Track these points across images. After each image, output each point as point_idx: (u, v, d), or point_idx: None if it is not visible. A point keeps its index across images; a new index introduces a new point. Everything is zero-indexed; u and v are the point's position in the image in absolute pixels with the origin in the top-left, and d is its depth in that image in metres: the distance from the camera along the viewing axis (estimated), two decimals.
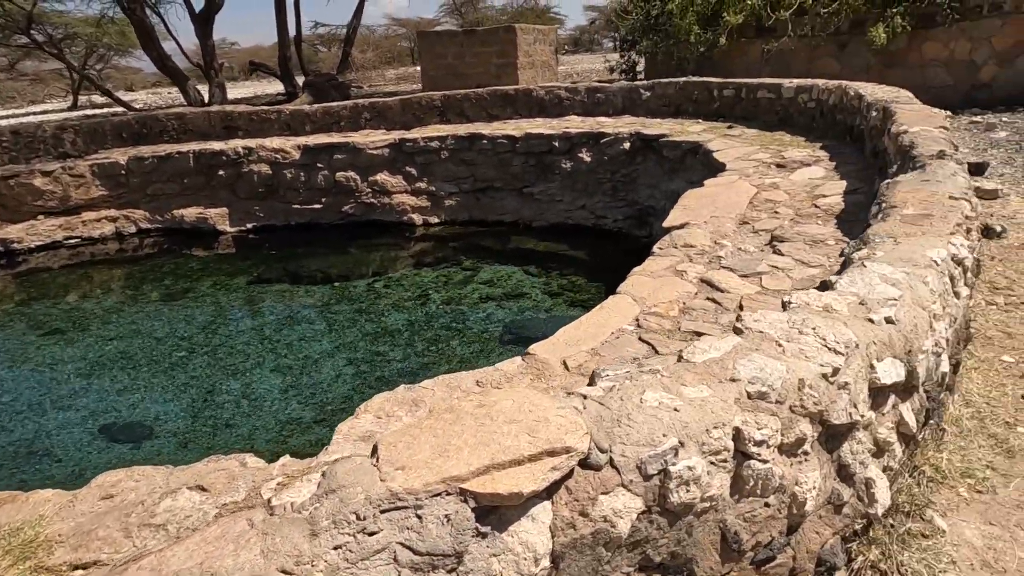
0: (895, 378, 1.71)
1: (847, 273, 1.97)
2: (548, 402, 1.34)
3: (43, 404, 5.74)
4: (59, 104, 27.48)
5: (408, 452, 1.30)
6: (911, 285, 1.89)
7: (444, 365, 5.99)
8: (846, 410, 1.55)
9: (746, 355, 1.55)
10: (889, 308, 1.76)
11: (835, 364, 1.56)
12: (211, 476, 2.17)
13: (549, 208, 9.10)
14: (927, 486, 1.92)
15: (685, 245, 3.99)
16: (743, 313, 1.76)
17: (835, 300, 1.80)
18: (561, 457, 1.25)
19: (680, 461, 1.31)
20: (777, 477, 1.42)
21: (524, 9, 29.58)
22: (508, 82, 13.25)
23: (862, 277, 1.91)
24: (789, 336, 1.63)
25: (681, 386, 1.42)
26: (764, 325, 1.69)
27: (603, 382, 1.55)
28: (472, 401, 1.37)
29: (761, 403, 1.44)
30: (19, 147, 10.27)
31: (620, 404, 1.35)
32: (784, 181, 5.44)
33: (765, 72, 10.53)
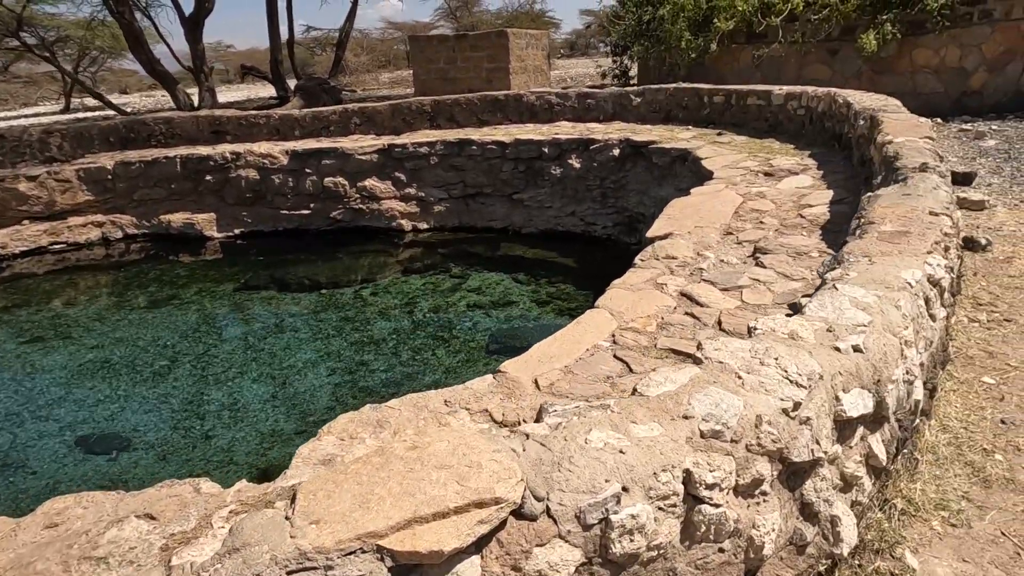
0: (863, 410, 1.64)
1: (817, 296, 1.90)
2: (484, 444, 1.26)
3: (20, 414, 5.65)
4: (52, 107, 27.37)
5: (327, 502, 1.22)
6: (882, 310, 1.82)
7: (428, 375, 5.93)
8: (808, 447, 1.48)
9: (703, 389, 1.48)
10: (858, 335, 1.70)
11: (796, 398, 1.49)
12: (162, 503, 2.10)
13: (539, 214, 9.04)
14: (898, 520, 1.85)
15: (667, 256, 3.93)
16: (704, 342, 1.70)
17: (802, 327, 1.74)
18: (490, 509, 1.17)
19: (623, 509, 1.24)
20: (731, 521, 1.35)
21: (519, 13, 29.56)
22: (500, 87, 13.20)
23: (832, 301, 1.85)
24: (750, 367, 1.57)
25: (631, 424, 1.35)
26: (725, 355, 1.62)
27: (550, 418, 1.48)
28: (405, 442, 1.30)
29: (715, 442, 1.37)
30: (4, 151, 10.17)
31: (563, 445, 1.28)
32: (771, 190, 5.39)
33: (756, 78, 10.51)
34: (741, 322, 2.99)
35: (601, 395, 2.49)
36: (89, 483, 4.71)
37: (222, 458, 4.95)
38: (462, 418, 2.45)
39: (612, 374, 2.65)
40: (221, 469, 4.80)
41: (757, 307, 3.16)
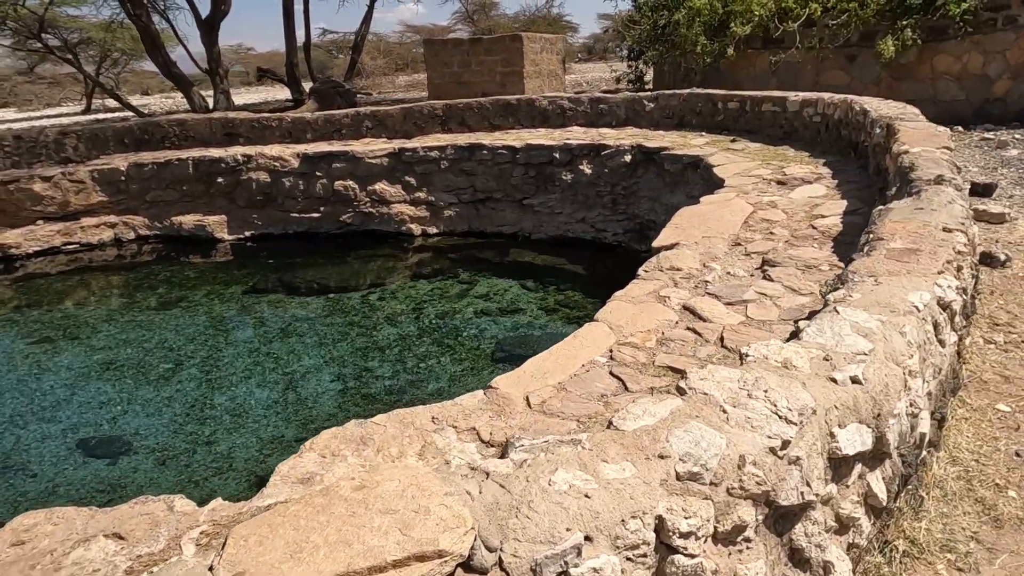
0: (860, 447, 1.53)
1: (816, 320, 1.79)
2: (437, 486, 1.17)
3: (24, 415, 5.66)
4: (74, 108, 27.72)
5: (257, 551, 1.14)
6: (885, 336, 1.71)
7: (432, 383, 5.86)
8: (797, 489, 1.38)
9: (683, 423, 1.38)
10: (857, 365, 1.59)
11: (786, 435, 1.38)
12: (133, 521, 2.03)
13: (549, 220, 8.95)
14: (900, 564, 1.72)
15: (671, 268, 3.83)
16: (689, 371, 1.60)
17: (796, 354, 1.63)
18: (432, 563, 1.07)
19: (585, 561, 1.13)
20: (709, 572, 1.25)
21: (536, 17, 29.50)
22: (513, 91, 13.14)
23: (832, 325, 1.74)
24: (736, 400, 1.46)
25: (601, 463, 1.26)
26: (710, 386, 1.52)
27: (515, 454, 1.39)
28: (353, 480, 1.22)
29: (692, 485, 1.27)
30: (21, 151, 10.28)
31: (523, 488, 1.18)
32: (783, 199, 5.26)
33: (772, 84, 10.34)
34: (744, 339, 2.88)
35: (593, 415, 2.40)
36: (87, 487, 4.70)
37: (221, 464, 4.91)
38: (448, 436, 2.37)
39: (607, 392, 2.55)
40: (220, 475, 4.77)
41: (762, 323, 3.05)
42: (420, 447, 2.30)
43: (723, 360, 2.72)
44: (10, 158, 10.19)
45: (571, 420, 2.35)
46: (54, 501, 4.58)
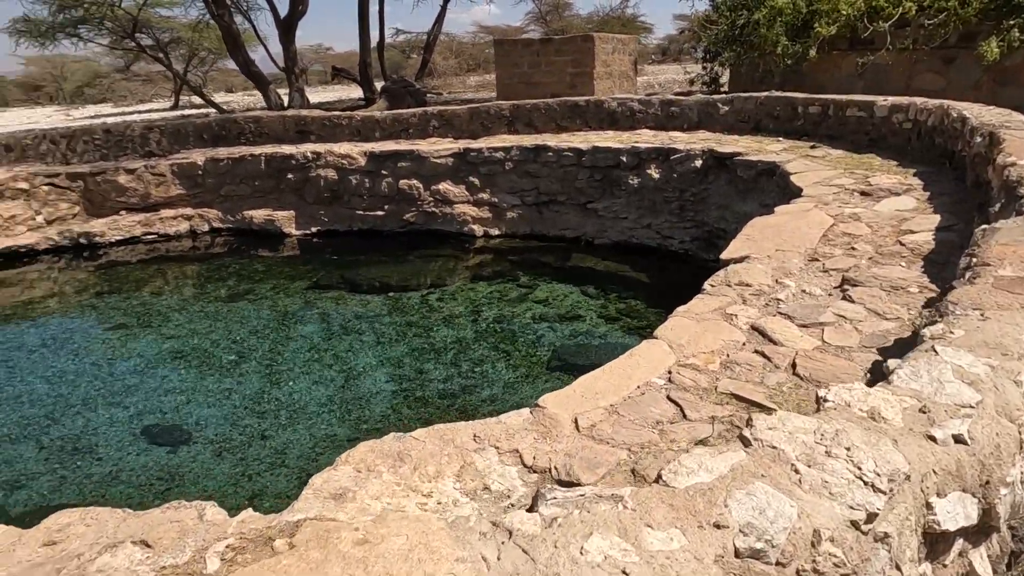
0: (963, 521, 1.28)
1: (911, 360, 1.55)
2: (448, 548, 1.03)
3: (95, 400, 5.87)
4: (163, 104, 29.17)
5: None
6: (996, 385, 1.45)
7: (486, 389, 5.76)
8: (883, 572, 1.16)
9: (747, 484, 1.18)
10: (961, 421, 1.34)
11: (872, 507, 1.16)
12: (161, 528, 1.98)
13: (613, 225, 8.72)
14: None
15: (740, 283, 3.57)
16: (755, 418, 1.39)
17: (886, 402, 1.40)
18: None
19: None
20: None
21: (610, 18, 29.10)
22: (583, 92, 12.92)
23: (930, 369, 1.49)
24: (812, 458, 1.25)
25: (645, 528, 1.08)
26: (780, 437, 1.31)
27: (546, 508, 1.22)
28: (357, 532, 1.09)
29: (754, 564, 1.06)
30: (110, 145, 10.81)
31: (550, 556, 1.02)
32: (867, 212, 4.88)
33: (858, 88, 9.75)
34: (819, 367, 2.63)
35: (646, 444, 2.21)
36: (147, 474, 4.81)
37: (274, 459, 4.95)
38: (489, 458, 2.23)
39: (663, 419, 2.36)
40: (272, 471, 4.80)
41: (840, 350, 2.78)
42: (459, 468, 2.17)
43: (794, 390, 2.48)
44: (99, 151, 10.73)
45: (621, 448, 2.17)
46: (115, 486, 4.71)
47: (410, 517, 1.14)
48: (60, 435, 5.35)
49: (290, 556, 1.12)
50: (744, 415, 2.32)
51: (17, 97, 41.95)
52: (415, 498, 2.05)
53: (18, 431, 5.44)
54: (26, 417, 5.64)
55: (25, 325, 7.68)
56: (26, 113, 30.64)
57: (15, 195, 9.44)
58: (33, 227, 9.55)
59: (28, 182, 9.57)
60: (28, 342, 7.16)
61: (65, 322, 7.78)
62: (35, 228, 9.56)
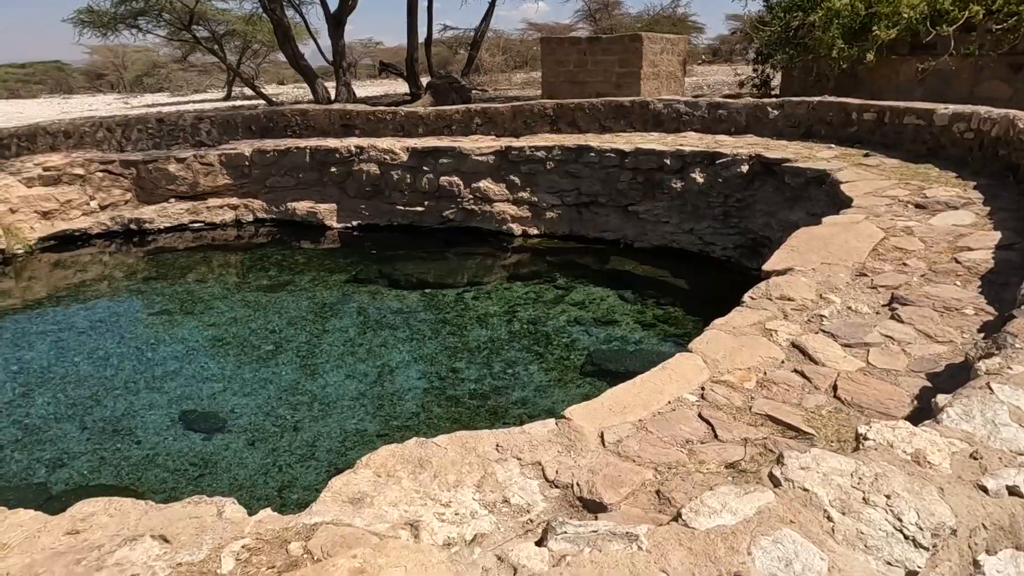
0: None
1: (962, 398, 1.43)
2: None
3: (137, 383, 6.03)
4: (217, 94, 29.91)
5: None
6: None
7: (517, 391, 5.71)
8: None
9: (773, 530, 1.09)
10: (1017, 470, 1.22)
11: (912, 563, 1.06)
12: (180, 524, 1.99)
13: (654, 229, 8.57)
14: None
15: (782, 297, 3.44)
16: (787, 455, 1.30)
17: (933, 445, 1.29)
18: None
19: None
20: None
21: (660, 17, 28.68)
22: (629, 92, 12.74)
23: (983, 408, 1.37)
24: (847, 505, 1.15)
25: (660, 574, 1.01)
26: (814, 479, 1.21)
27: (555, 543, 1.16)
28: (355, 560, 1.05)
29: None
30: (162, 134, 11.10)
31: None
32: (921, 226, 4.67)
33: (918, 95, 9.36)
34: (862, 392, 2.50)
35: (673, 465, 2.13)
36: (182, 459, 4.90)
37: (305, 452, 5.00)
38: (511, 469, 2.18)
39: (693, 438, 2.28)
40: (302, 463, 4.84)
41: (886, 373, 2.64)
42: (479, 478, 2.13)
43: (834, 415, 2.36)
44: (152, 139, 11.03)
45: (647, 468, 2.10)
46: (150, 470, 4.82)
47: (411, 548, 1.10)
48: (102, 416, 5.50)
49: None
50: (779, 438, 2.22)
51: (81, 84, 43.65)
52: (433, 507, 2.02)
53: (64, 411, 5.61)
54: (71, 397, 5.82)
55: (76, 307, 7.94)
56: (88, 100, 31.81)
57: (71, 180, 9.77)
58: (87, 212, 9.87)
59: (84, 168, 9.89)
60: (78, 323, 7.39)
61: (113, 305, 8.02)
62: (89, 213, 9.88)
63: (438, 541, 1.88)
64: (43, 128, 10.53)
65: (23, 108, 26.48)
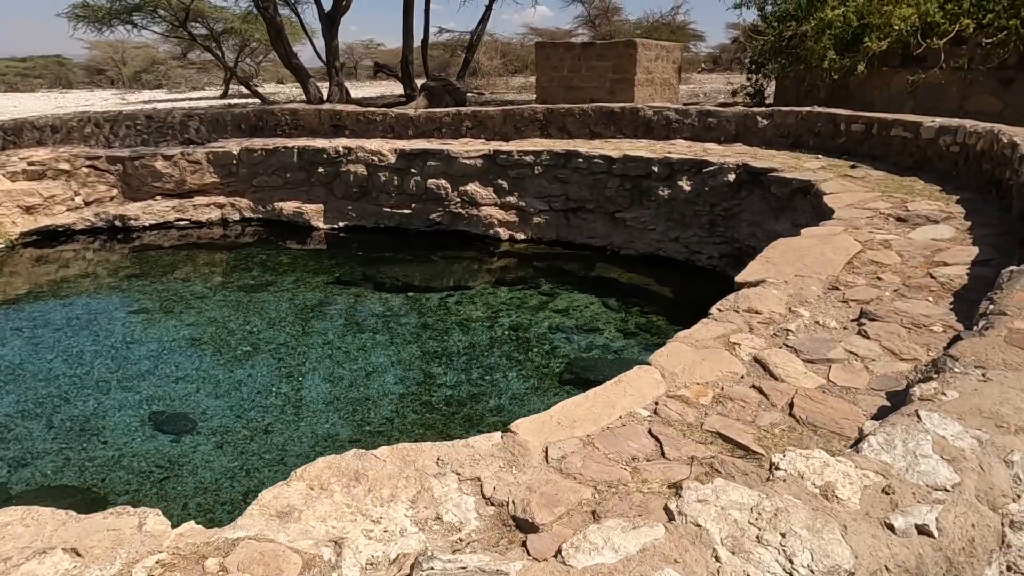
0: None
1: (888, 425, 1.35)
2: None
3: (109, 383, 5.95)
4: (215, 92, 29.86)
5: None
6: (982, 464, 1.24)
7: (493, 399, 5.64)
8: None
9: (655, 571, 1.01)
10: (930, 507, 1.14)
11: None
12: (97, 536, 1.92)
13: (640, 236, 8.51)
14: None
15: (749, 310, 3.38)
16: (685, 484, 1.23)
17: (846, 477, 1.21)
18: None
19: None
20: None
21: (659, 24, 28.70)
22: (623, 99, 12.70)
23: (907, 438, 1.29)
24: (738, 543, 1.07)
25: None
26: (710, 513, 1.14)
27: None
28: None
29: None
30: (151, 131, 11.03)
31: None
32: (900, 239, 4.62)
33: (908, 107, 9.33)
34: (818, 409, 2.44)
35: (614, 483, 2.07)
36: (148, 461, 4.82)
37: (274, 456, 4.92)
38: (448, 484, 2.12)
39: (640, 455, 2.21)
40: (270, 467, 4.77)
41: (845, 391, 2.58)
42: (415, 493, 2.07)
43: (787, 434, 2.30)
44: (141, 135, 10.96)
45: (588, 486, 2.04)
46: (115, 472, 4.74)
47: None
48: (71, 415, 5.42)
49: None
50: (727, 458, 2.16)
51: (81, 79, 43.58)
52: (362, 523, 1.95)
53: (32, 408, 5.53)
54: (41, 395, 5.74)
55: (54, 303, 7.86)
56: (85, 95, 31.74)
57: (56, 175, 9.69)
58: (72, 207, 9.79)
59: (70, 163, 9.82)
60: (54, 320, 7.31)
61: (92, 303, 7.94)
62: (73, 208, 9.80)
63: (360, 560, 1.82)
64: (30, 122, 10.46)
65: (19, 102, 26.41)
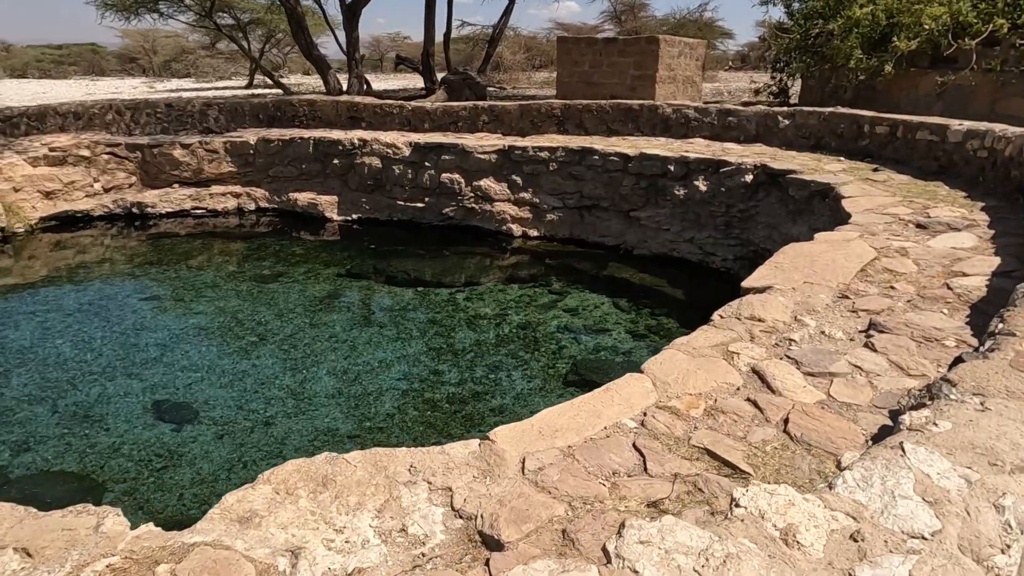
0: None
1: (868, 458, 1.23)
2: None
3: (116, 369, 5.98)
4: (240, 82, 30.07)
5: None
6: (968, 509, 1.10)
7: (497, 398, 5.57)
8: None
9: None
10: (903, 558, 1.00)
11: None
12: (51, 536, 1.87)
13: (654, 236, 8.36)
14: None
15: (752, 317, 3.26)
16: (629, 524, 1.13)
17: (811, 519, 1.09)
18: None
19: None
20: None
21: (686, 21, 28.28)
22: (644, 95, 12.51)
23: (886, 474, 1.16)
24: None
25: None
26: (651, 559, 1.03)
27: None
28: None
29: None
30: (171, 119, 11.11)
31: None
32: (918, 247, 4.45)
33: (936, 109, 9.04)
34: (815, 427, 2.32)
35: (590, 500, 1.98)
36: (148, 450, 4.82)
37: (272, 448, 4.90)
38: (418, 493, 2.05)
39: (621, 470, 2.11)
40: (268, 460, 4.74)
41: (845, 408, 2.46)
42: (383, 501, 2.00)
43: (779, 452, 2.19)
44: (160, 124, 11.04)
45: (561, 502, 1.95)
46: (115, 459, 4.74)
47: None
48: (75, 401, 5.45)
49: None
50: (712, 475, 2.05)
51: (114, 67, 44.23)
52: (324, 532, 1.88)
53: (38, 393, 5.57)
54: (49, 379, 5.78)
55: (68, 288, 7.94)
56: (115, 83, 32.19)
57: (77, 161, 9.79)
58: (90, 193, 9.89)
59: (90, 150, 9.91)
60: (66, 305, 7.38)
61: (105, 288, 8.00)
62: (92, 195, 9.90)
63: (316, 573, 1.75)
64: (53, 108, 10.58)
65: (51, 88, 26.85)
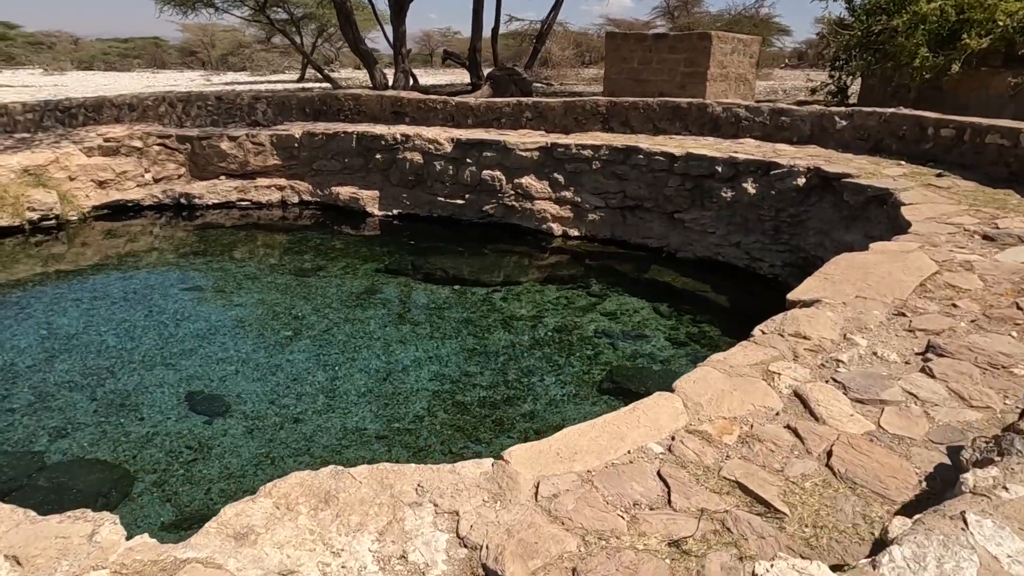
0: None
1: (921, 531, 1.03)
2: None
3: (154, 359, 6.06)
4: (293, 75, 30.62)
5: None
6: None
7: (528, 403, 5.43)
8: None
9: None
10: None
11: None
12: (43, 543, 1.81)
13: (699, 239, 8.09)
14: None
15: (796, 334, 3.04)
16: None
17: None
18: None
19: None
20: None
21: (741, 17, 27.50)
22: (694, 93, 12.16)
23: (943, 554, 0.95)
24: None
25: None
26: None
27: None
28: None
29: None
30: (220, 112, 11.30)
31: None
32: (985, 261, 4.12)
33: (1008, 112, 8.49)
34: (862, 462, 2.12)
35: (606, 535, 1.82)
36: (179, 442, 4.85)
37: (301, 446, 4.88)
38: (423, 516, 1.93)
39: (642, 501, 1.95)
40: (296, 458, 4.72)
41: (897, 442, 2.24)
42: (385, 523, 1.88)
43: (819, 489, 1.99)
44: (210, 116, 11.24)
45: (574, 535, 1.80)
46: (147, 449, 4.78)
47: None
48: (113, 389, 5.54)
49: None
50: (742, 513, 1.87)
51: (175, 60, 45.71)
52: (321, 555, 1.78)
53: (80, 380, 5.68)
54: (90, 367, 5.90)
55: (115, 276, 8.13)
56: (174, 76, 33.21)
57: (129, 152, 10.04)
58: (141, 184, 10.13)
59: (142, 141, 10.15)
60: (112, 293, 7.55)
61: (150, 278, 8.17)
62: (143, 185, 10.14)
63: None
64: (109, 100, 10.87)
65: (114, 80, 27.86)
